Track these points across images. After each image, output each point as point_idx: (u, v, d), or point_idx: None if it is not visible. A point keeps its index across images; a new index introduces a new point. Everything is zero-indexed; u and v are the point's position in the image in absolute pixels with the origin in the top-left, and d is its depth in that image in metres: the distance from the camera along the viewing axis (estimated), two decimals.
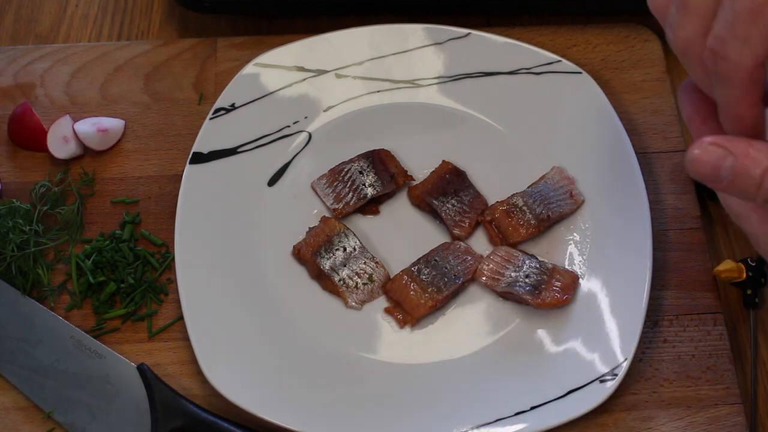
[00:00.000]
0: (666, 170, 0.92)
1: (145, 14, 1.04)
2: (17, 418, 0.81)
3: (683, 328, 0.84)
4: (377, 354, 0.83)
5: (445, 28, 0.95)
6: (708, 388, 0.82)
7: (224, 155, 0.90)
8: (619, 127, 0.89)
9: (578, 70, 0.92)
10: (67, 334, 0.83)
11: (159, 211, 0.90)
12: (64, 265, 0.87)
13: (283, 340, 0.83)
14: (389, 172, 0.89)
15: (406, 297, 0.84)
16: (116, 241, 0.87)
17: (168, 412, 0.78)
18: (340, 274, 0.85)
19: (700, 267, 0.87)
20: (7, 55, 0.98)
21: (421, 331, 0.84)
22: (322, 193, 0.89)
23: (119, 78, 0.97)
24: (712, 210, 0.92)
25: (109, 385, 0.80)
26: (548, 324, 0.83)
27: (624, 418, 0.81)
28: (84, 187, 0.91)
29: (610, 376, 0.79)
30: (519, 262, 0.84)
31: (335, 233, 0.86)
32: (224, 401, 0.79)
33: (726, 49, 0.56)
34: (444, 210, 0.87)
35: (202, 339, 0.81)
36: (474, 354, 0.83)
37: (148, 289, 0.86)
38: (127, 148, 0.93)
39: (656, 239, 0.86)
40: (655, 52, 0.97)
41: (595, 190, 0.88)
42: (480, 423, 0.78)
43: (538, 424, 0.78)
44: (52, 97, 0.96)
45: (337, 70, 0.94)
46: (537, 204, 0.87)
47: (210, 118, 0.90)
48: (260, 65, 0.93)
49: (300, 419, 0.78)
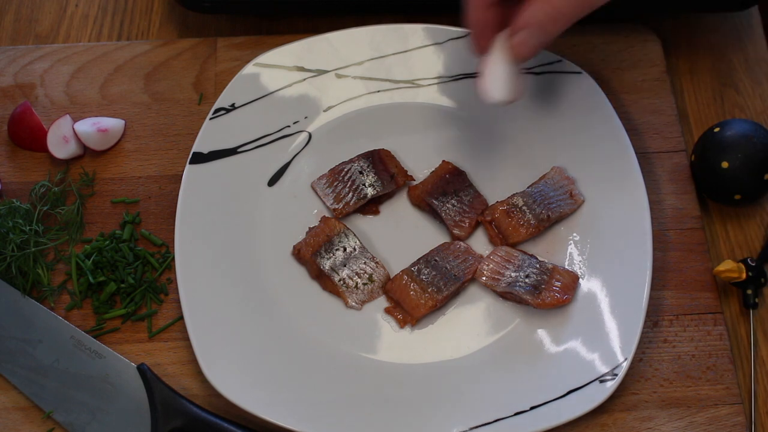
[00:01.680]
0: (666, 170, 0.92)
1: (145, 14, 1.04)
2: (17, 418, 0.81)
3: (683, 328, 0.84)
4: (377, 354, 0.83)
5: (445, 28, 0.95)
6: (708, 388, 0.82)
7: (224, 155, 0.90)
8: (619, 127, 0.89)
9: (578, 70, 0.92)
10: (67, 334, 0.83)
11: (159, 211, 0.90)
12: (64, 265, 0.87)
13: (283, 340, 0.83)
14: (389, 172, 0.89)
15: (406, 297, 0.84)
16: (116, 241, 0.87)
17: (168, 412, 0.78)
18: (340, 274, 0.85)
19: (700, 267, 0.87)
20: (7, 55, 0.98)
21: (421, 331, 0.84)
22: (322, 193, 0.89)
23: (119, 78, 0.97)
24: (712, 210, 0.92)
25: (109, 385, 0.80)
26: (548, 324, 0.83)
27: (624, 418, 0.81)
28: (84, 187, 0.91)
29: (610, 376, 0.79)
30: (519, 262, 0.84)
31: (335, 233, 0.86)
32: (224, 401, 0.79)
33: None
34: (444, 210, 0.87)
35: (202, 339, 0.81)
36: (474, 354, 0.83)
37: (148, 289, 0.86)
38: (127, 148, 0.93)
39: (656, 239, 0.86)
40: (655, 52, 0.97)
41: (595, 190, 0.88)
42: (480, 423, 0.78)
43: (538, 424, 0.78)
44: (52, 97, 0.96)
45: (337, 70, 0.94)
46: (537, 204, 0.87)
47: (210, 118, 0.90)
48: (260, 65, 0.93)
49: (300, 419, 0.78)
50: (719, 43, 1.01)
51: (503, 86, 0.80)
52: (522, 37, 0.79)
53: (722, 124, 0.89)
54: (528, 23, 0.78)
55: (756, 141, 0.86)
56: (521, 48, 0.79)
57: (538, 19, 0.78)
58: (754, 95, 0.98)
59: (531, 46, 0.79)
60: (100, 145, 0.92)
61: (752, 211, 0.92)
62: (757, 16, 1.02)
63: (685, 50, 1.00)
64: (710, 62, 1.00)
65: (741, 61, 1.00)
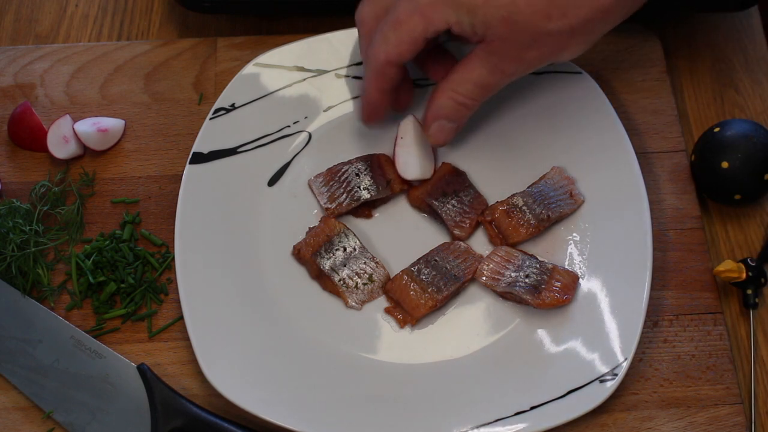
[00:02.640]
0: (666, 170, 0.92)
1: (145, 14, 1.04)
2: (17, 418, 0.81)
3: (683, 328, 0.84)
4: (377, 354, 0.83)
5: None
6: (708, 388, 0.82)
7: (224, 155, 0.90)
8: (619, 127, 0.89)
9: (578, 70, 0.92)
10: (67, 334, 0.83)
11: (159, 211, 0.90)
12: (64, 265, 0.87)
13: (283, 340, 0.83)
14: (386, 178, 0.89)
15: (406, 297, 0.84)
16: (116, 241, 0.87)
17: (168, 412, 0.78)
18: (340, 274, 0.85)
19: (700, 267, 0.87)
20: (7, 55, 0.98)
21: (421, 331, 0.84)
22: (318, 192, 0.89)
23: (119, 78, 0.97)
24: (712, 210, 0.92)
25: (109, 385, 0.80)
26: (548, 324, 0.83)
27: (624, 418, 0.81)
28: (84, 187, 0.91)
29: (610, 376, 0.79)
30: (519, 262, 0.84)
31: (335, 233, 0.86)
32: (224, 401, 0.79)
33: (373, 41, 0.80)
34: (444, 210, 0.87)
35: (202, 339, 0.81)
36: (474, 354, 0.83)
37: (148, 289, 0.86)
38: (127, 148, 0.93)
39: (656, 239, 0.86)
40: (655, 52, 0.97)
41: (595, 190, 0.88)
42: (480, 423, 0.78)
43: (538, 424, 0.78)
44: (52, 97, 0.96)
45: (337, 70, 0.94)
46: (537, 204, 0.87)
47: (210, 118, 0.90)
48: (260, 65, 0.93)
49: (300, 419, 0.78)
50: (719, 43, 1.01)
51: (418, 166, 0.88)
52: (436, 128, 0.84)
53: (722, 124, 0.89)
54: (437, 115, 0.83)
55: (756, 141, 0.87)
56: (438, 136, 0.85)
57: (446, 111, 0.82)
58: (754, 95, 0.98)
59: (447, 132, 0.84)
60: (100, 145, 0.92)
61: (752, 211, 0.92)
62: (757, 16, 1.02)
63: (685, 50, 1.00)
64: (710, 62, 1.00)
65: (741, 61, 1.00)
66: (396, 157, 0.89)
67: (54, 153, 0.91)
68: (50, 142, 0.91)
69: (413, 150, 0.88)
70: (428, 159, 0.89)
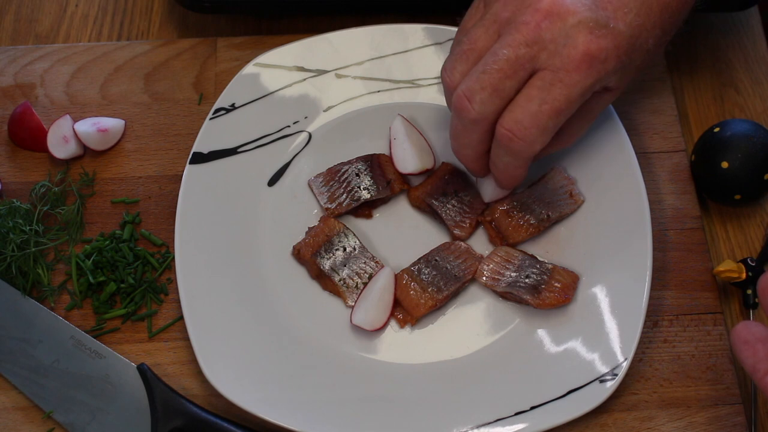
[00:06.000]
0: (666, 170, 0.92)
1: (145, 14, 1.04)
2: (17, 418, 0.81)
3: (683, 328, 0.84)
4: (377, 354, 0.83)
5: (445, 28, 0.95)
6: (708, 388, 0.82)
7: (224, 155, 0.90)
8: (619, 127, 0.89)
9: None
10: (67, 334, 0.83)
11: (159, 211, 0.90)
12: (64, 265, 0.87)
13: (283, 340, 0.83)
14: (386, 178, 0.89)
15: (406, 297, 0.84)
16: (116, 241, 0.87)
17: (168, 412, 0.78)
18: (340, 274, 0.85)
19: (700, 267, 0.87)
20: (7, 55, 0.98)
21: (421, 331, 0.84)
22: (317, 192, 0.89)
23: (119, 78, 0.97)
24: (712, 210, 0.92)
25: (109, 385, 0.80)
26: (548, 324, 0.83)
27: (624, 418, 0.81)
28: (84, 187, 0.91)
29: (610, 376, 0.79)
30: (519, 263, 0.84)
31: (335, 233, 0.86)
32: (224, 401, 0.79)
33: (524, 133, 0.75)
34: (444, 210, 0.87)
35: (202, 339, 0.81)
36: (474, 354, 0.83)
37: (148, 289, 0.86)
38: (127, 148, 0.93)
39: (656, 239, 0.86)
40: None
41: (595, 190, 0.88)
42: (480, 423, 0.78)
43: (538, 424, 0.78)
44: (52, 97, 0.96)
45: (337, 70, 0.94)
46: (537, 204, 0.87)
47: (210, 118, 0.90)
48: (260, 65, 0.93)
49: (300, 419, 0.78)
50: (719, 43, 1.01)
51: (416, 158, 0.89)
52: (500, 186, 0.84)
53: (722, 124, 0.89)
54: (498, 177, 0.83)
55: (756, 141, 0.87)
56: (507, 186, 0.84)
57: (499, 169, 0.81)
58: (754, 95, 0.98)
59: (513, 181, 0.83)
60: (100, 145, 0.92)
61: (752, 211, 0.92)
62: (757, 16, 1.02)
63: (685, 50, 1.00)
64: (710, 62, 1.00)
65: (741, 61, 1.00)
66: (393, 156, 0.89)
67: (54, 153, 0.91)
68: (50, 142, 0.91)
69: (407, 145, 0.89)
70: (425, 151, 0.90)
